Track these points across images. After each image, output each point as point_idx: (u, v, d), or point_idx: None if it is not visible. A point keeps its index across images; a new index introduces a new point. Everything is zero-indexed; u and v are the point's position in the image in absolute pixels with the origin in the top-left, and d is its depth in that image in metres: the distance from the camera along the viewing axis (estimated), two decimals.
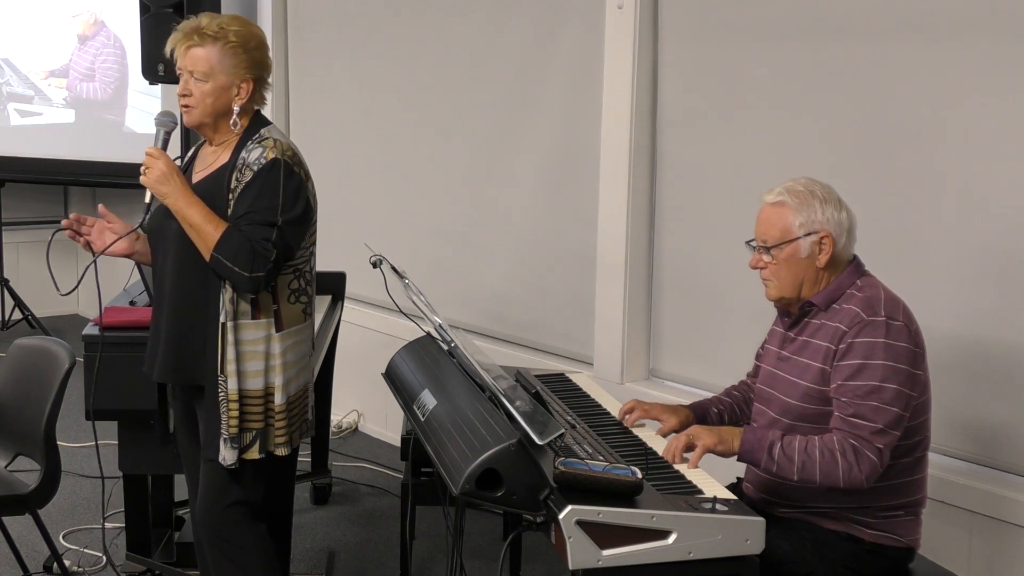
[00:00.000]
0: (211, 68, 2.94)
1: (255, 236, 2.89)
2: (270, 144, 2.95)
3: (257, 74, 3.00)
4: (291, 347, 3.03)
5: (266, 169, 2.92)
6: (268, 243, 2.89)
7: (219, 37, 2.94)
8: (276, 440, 3.03)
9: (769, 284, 2.80)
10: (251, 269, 2.88)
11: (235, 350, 2.96)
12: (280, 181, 2.92)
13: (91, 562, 4.05)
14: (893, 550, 2.73)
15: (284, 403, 3.01)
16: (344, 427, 5.61)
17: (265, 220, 2.90)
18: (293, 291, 3.04)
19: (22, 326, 7.09)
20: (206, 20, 2.98)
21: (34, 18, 7.29)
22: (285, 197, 2.92)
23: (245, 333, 2.97)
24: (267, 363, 2.99)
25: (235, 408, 2.96)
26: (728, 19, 3.96)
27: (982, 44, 3.28)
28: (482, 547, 4.21)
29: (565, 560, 2.30)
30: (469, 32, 5.03)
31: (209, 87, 2.95)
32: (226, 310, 2.94)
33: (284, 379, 3.01)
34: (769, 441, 2.67)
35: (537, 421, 2.44)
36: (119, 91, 7.23)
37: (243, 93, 2.98)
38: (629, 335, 4.32)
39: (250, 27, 3.03)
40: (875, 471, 2.61)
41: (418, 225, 5.38)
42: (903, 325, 2.65)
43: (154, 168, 2.93)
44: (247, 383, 2.98)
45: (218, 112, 2.99)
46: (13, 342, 3.75)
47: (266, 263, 2.89)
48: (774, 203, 2.76)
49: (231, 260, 2.87)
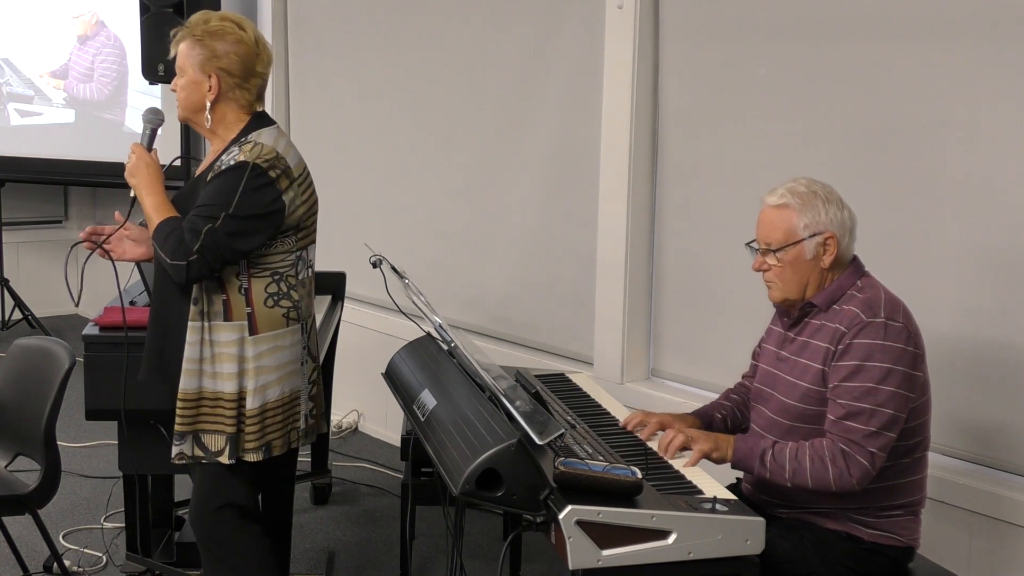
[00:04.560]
0: (183, 62, 2.97)
1: (189, 226, 2.88)
2: (247, 148, 2.94)
3: (222, 69, 2.96)
4: (268, 352, 3.00)
5: (230, 169, 2.91)
6: (197, 234, 2.86)
7: (190, 32, 2.97)
8: (247, 445, 3.00)
9: (773, 286, 2.79)
10: (172, 256, 2.86)
11: (208, 350, 2.96)
12: (241, 180, 2.89)
13: (91, 562, 4.05)
14: (893, 549, 2.73)
15: (258, 408, 2.98)
16: (344, 427, 5.61)
17: (207, 213, 2.88)
18: (271, 295, 3.01)
19: (22, 326, 7.09)
20: (194, 17, 3.00)
21: (34, 18, 7.29)
22: (241, 195, 2.88)
23: (218, 334, 2.97)
24: (240, 366, 2.98)
25: (185, 406, 2.95)
26: (728, 19, 3.96)
27: (983, 44, 3.27)
28: (482, 547, 4.21)
29: (565, 560, 2.30)
30: (469, 32, 5.03)
31: (183, 81, 2.99)
32: (191, 310, 2.95)
33: (257, 383, 2.98)
34: (761, 449, 2.68)
35: (537, 421, 2.44)
36: (118, 91, 7.23)
37: (212, 89, 2.97)
38: (629, 335, 4.32)
39: (229, 23, 2.99)
40: (867, 475, 2.60)
41: (418, 225, 5.38)
42: (902, 326, 2.64)
43: (129, 160, 2.98)
44: (220, 384, 2.97)
45: (194, 107, 2.99)
46: (13, 342, 3.75)
47: (188, 252, 2.85)
48: (777, 205, 2.75)
49: (160, 245, 2.89)
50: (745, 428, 2.99)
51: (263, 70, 3.04)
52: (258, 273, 2.99)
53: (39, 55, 7.32)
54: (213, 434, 2.99)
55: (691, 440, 2.73)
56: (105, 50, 7.22)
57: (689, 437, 2.74)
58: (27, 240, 7.61)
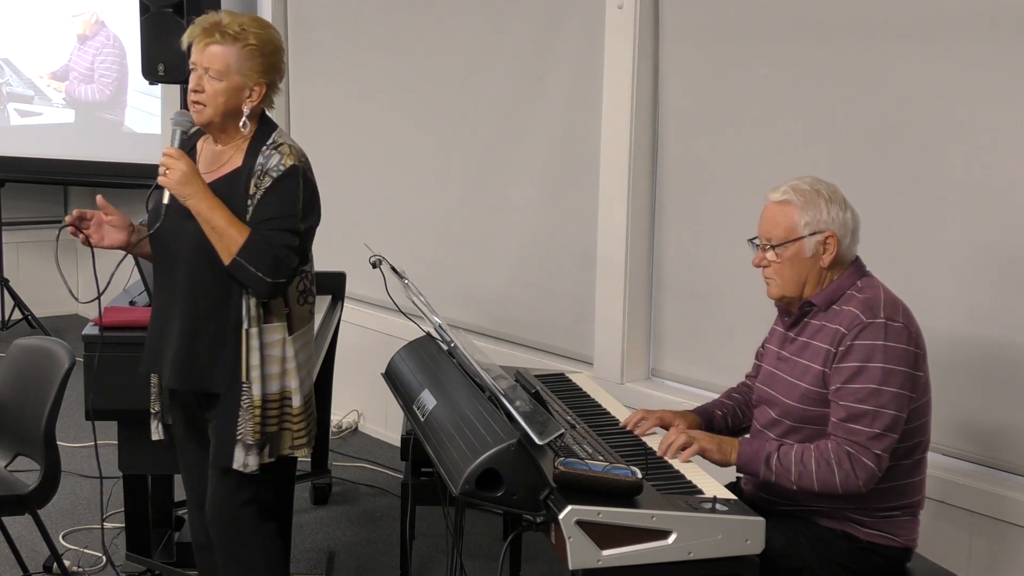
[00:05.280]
0: (227, 67, 2.91)
1: (277, 242, 2.88)
2: (286, 151, 2.95)
3: (271, 78, 2.99)
4: (302, 348, 3.05)
5: (286, 176, 2.92)
6: (291, 250, 2.90)
7: (239, 38, 2.92)
8: (296, 442, 3.03)
9: (771, 282, 2.79)
10: (274, 275, 2.88)
11: (259, 355, 2.96)
12: (299, 188, 2.93)
13: (91, 562, 4.04)
14: (889, 550, 2.73)
15: (302, 405, 3.02)
16: (344, 427, 5.61)
17: (287, 227, 2.90)
18: (301, 292, 3.05)
19: (22, 326, 7.08)
20: (228, 18, 2.94)
21: (34, 18, 7.29)
22: (304, 204, 2.94)
23: (265, 337, 2.97)
24: (283, 367, 3.00)
25: (259, 414, 2.96)
26: (728, 19, 3.96)
27: (983, 44, 3.27)
28: (482, 547, 4.21)
29: (565, 560, 2.30)
30: (469, 32, 5.03)
31: (223, 86, 2.92)
32: (250, 316, 2.94)
33: (299, 381, 3.02)
34: (766, 452, 2.68)
35: (537, 421, 2.44)
36: (119, 91, 7.23)
37: (255, 96, 2.96)
38: (629, 335, 4.32)
39: (269, 30, 3.00)
40: (873, 476, 2.60)
41: (418, 225, 5.38)
42: (903, 327, 2.64)
43: (175, 169, 2.88)
44: (267, 388, 2.98)
45: (228, 112, 2.96)
46: (13, 342, 3.75)
47: (288, 269, 2.90)
48: (779, 201, 2.75)
49: (254, 265, 2.86)
50: (746, 427, 2.99)
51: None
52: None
53: (39, 55, 7.31)
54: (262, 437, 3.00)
55: (693, 438, 2.74)
56: (105, 50, 7.22)
57: (691, 437, 2.74)
58: (27, 240, 7.60)
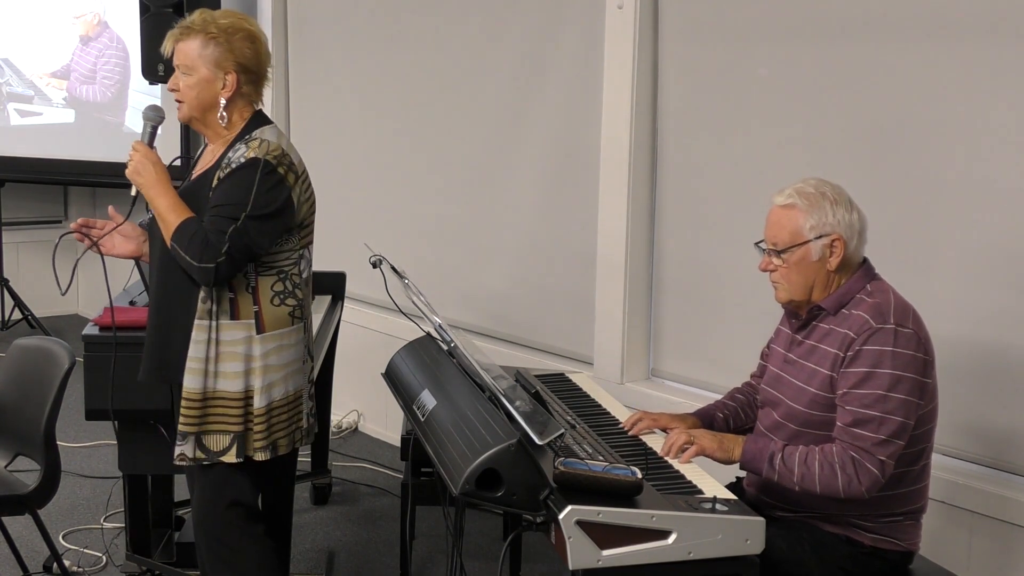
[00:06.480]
0: (193, 61, 2.95)
1: (212, 227, 2.87)
2: (255, 144, 2.94)
3: (242, 65, 2.98)
4: (274, 351, 3.00)
5: (243, 166, 2.91)
6: (223, 235, 2.85)
7: (202, 30, 2.95)
8: (255, 444, 3.00)
9: (779, 287, 2.77)
10: (200, 259, 2.84)
11: (214, 349, 2.95)
12: (255, 178, 2.89)
13: (91, 562, 4.04)
14: (892, 554, 2.72)
15: (264, 407, 2.99)
16: (344, 427, 5.61)
17: (229, 214, 2.88)
18: (277, 293, 3.01)
19: (22, 326, 7.09)
20: (197, 16, 2.99)
21: (35, 18, 7.29)
22: (257, 194, 2.89)
23: (224, 333, 2.96)
24: (247, 365, 2.97)
25: (191, 407, 2.94)
26: (728, 19, 3.96)
27: (984, 44, 3.27)
28: (482, 547, 4.21)
29: (565, 560, 2.30)
30: (469, 32, 5.03)
31: (193, 80, 2.96)
32: (205, 309, 2.93)
33: (264, 382, 2.98)
34: (770, 452, 2.66)
35: (537, 421, 2.44)
36: (120, 92, 7.23)
37: (228, 87, 2.97)
38: (629, 335, 4.32)
39: (239, 20, 3.00)
40: (876, 483, 2.59)
41: (418, 225, 5.38)
42: (913, 332, 2.61)
43: (133, 159, 2.95)
44: (224, 384, 2.97)
45: (205, 106, 2.98)
46: (13, 342, 3.75)
47: (216, 254, 2.84)
48: (784, 205, 2.72)
49: (184, 248, 2.86)
50: (749, 428, 2.97)
51: (269, 67, 3.07)
52: (265, 272, 3.00)
53: (39, 55, 7.32)
54: (217, 434, 2.99)
55: (694, 438, 2.73)
56: (108, 52, 7.22)
57: (693, 437, 2.74)
58: (27, 240, 7.61)
